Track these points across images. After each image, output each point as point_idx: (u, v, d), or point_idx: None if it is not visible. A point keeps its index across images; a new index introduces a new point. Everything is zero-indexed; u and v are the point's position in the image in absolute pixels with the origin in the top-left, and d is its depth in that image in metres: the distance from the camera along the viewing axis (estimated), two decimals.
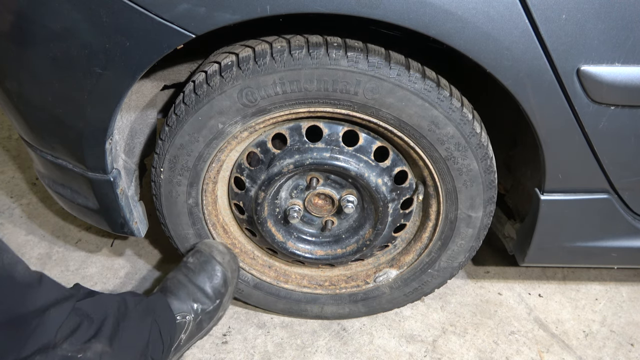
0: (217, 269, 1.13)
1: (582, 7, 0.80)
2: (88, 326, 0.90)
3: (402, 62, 0.91)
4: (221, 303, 1.16)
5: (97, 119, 0.93)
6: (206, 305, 1.12)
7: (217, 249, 1.15)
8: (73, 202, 1.16)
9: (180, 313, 1.09)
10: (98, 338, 0.90)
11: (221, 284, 1.14)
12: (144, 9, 0.80)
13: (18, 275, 0.80)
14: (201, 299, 1.12)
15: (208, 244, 1.16)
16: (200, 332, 1.15)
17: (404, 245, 1.24)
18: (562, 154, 0.96)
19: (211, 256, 1.14)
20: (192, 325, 1.11)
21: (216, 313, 1.16)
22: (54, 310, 0.84)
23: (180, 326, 1.08)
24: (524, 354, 1.26)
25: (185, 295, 1.11)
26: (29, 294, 0.80)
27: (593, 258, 1.17)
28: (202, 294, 1.12)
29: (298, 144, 1.04)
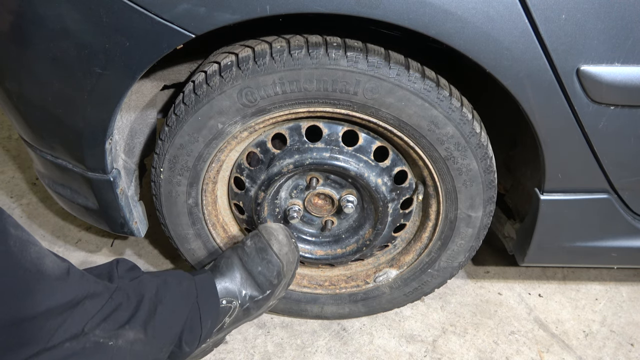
0: (273, 259, 1.07)
1: (582, 7, 0.80)
2: (123, 310, 0.88)
3: (401, 62, 0.91)
4: (272, 293, 1.10)
5: (97, 119, 0.93)
6: (256, 294, 1.07)
7: (276, 238, 1.09)
8: (73, 202, 1.16)
9: (227, 297, 1.05)
10: (132, 324, 0.88)
11: (274, 275, 1.08)
12: (144, 9, 0.80)
13: (47, 268, 0.78)
14: (251, 287, 1.07)
15: (269, 229, 1.10)
16: (246, 318, 1.11)
17: (404, 245, 1.24)
18: (562, 154, 0.96)
19: (268, 244, 1.08)
20: (237, 310, 1.06)
21: (266, 302, 1.11)
22: (89, 303, 0.82)
23: (224, 310, 1.04)
24: (524, 354, 1.26)
25: (236, 280, 1.06)
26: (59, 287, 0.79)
27: (593, 258, 1.17)
28: (253, 282, 1.07)
29: (298, 144, 1.04)
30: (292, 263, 1.12)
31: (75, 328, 0.80)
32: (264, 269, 1.07)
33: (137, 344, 0.88)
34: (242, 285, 1.06)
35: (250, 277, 1.07)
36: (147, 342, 0.90)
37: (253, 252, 1.08)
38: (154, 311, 0.92)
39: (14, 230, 0.75)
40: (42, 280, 0.76)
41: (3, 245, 0.72)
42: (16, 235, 0.75)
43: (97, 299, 0.85)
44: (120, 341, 0.86)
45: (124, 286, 0.91)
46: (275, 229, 1.10)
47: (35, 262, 0.76)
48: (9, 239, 0.73)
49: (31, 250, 0.76)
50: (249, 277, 1.07)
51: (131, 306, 0.90)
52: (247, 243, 1.10)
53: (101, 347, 0.83)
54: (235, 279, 1.06)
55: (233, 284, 1.06)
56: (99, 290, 0.86)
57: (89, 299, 0.83)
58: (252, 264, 1.07)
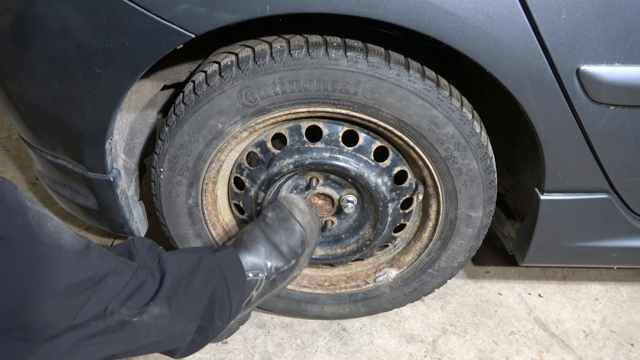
0: (296, 228, 1.06)
1: (582, 7, 0.80)
2: (147, 288, 0.86)
3: (401, 61, 0.91)
4: (297, 263, 1.09)
5: (97, 119, 0.93)
6: (281, 264, 1.06)
7: (297, 207, 1.08)
8: (73, 202, 1.16)
9: (253, 270, 1.04)
10: (156, 300, 0.86)
11: (298, 245, 1.07)
12: (144, 9, 0.80)
13: (65, 243, 0.76)
14: (276, 258, 1.06)
15: (289, 199, 1.09)
16: (273, 289, 1.10)
17: (404, 245, 1.24)
18: (562, 154, 0.96)
19: (290, 214, 1.07)
20: (264, 283, 1.05)
21: (291, 273, 1.10)
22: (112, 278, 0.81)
23: (251, 283, 1.04)
24: (524, 354, 1.26)
25: (260, 252, 1.05)
26: (79, 262, 0.77)
27: (593, 258, 1.17)
28: (277, 253, 1.06)
29: (298, 144, 1.04)
30: (315, 231, 1.11)
31: (99, 306, 0.78)
32: (287, 238, 1.06)
33: (161, 319, 0.87)
34: (266, 257, 1.05)
35: (274, 248, 1.06)
36: (171, 317, 0.89)
37: (275, 223, 1.07)
38: (177, 286, 0.91)
39: (30, 203, 0.73)
40: (61, 255, 0.74)
41: (21, 218, 0.70)
42: (33, 208, 0.73)
43: (120, 276, 0.83)
44: (145, 317, 0.85)
45: (145, 264, 0.90)
46: (296, 199, 1.10)
47: (53, 236, 0.74)
48: (27, 212, 0.71)
49: (49, 224, 0.74)
50: (273, 248, 1.06)
51: (155, 283, 0.88)
52: (269, 215, 1.08)
53: (126, 324, 0.82)
54: (260, 252, 1.05)
55: (258, 257, 1.05)
56: (121, 268, 0.84)
57: (112, 276, 0.81)
58: (276, 234, 1.06)
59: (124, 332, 0.82)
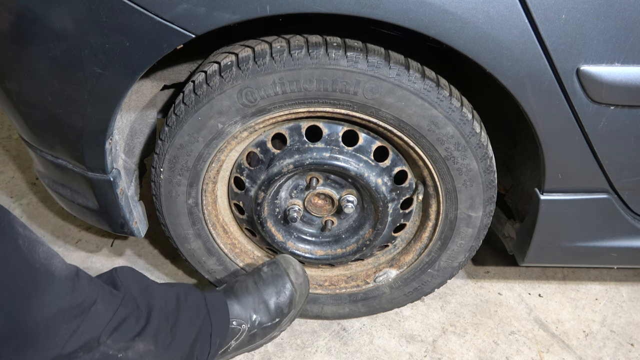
0: (288, 287, 1.10)
1: (582, 7, 0.80)
2: (135, 321, 0.86)
3: (401, 61, 0.91)
4: (280, 322, 1.11)
5: (97, 119, 0.93)
6: (265, 320, 1.09)
7: (293, 268, 1.13)
8: (73, 202, 1.16)
9: (237, 319, 1.05)
10: (142, 336, 0.86)
11: (286, 304, 1.10)
12: (144, 9, 0.80)
13: (56, 269, 0.76)
14: (262, 312, 1.08)
15: (287, 259, 1.14)
16: (250, 344, 1.11)
17: (404, 245, 1.24)
18: (561, 153, 0.96)
19: (286, 272, 1.11)
20: (245, 335, 1.07)
21: (272, 331, 1.12)
22: (101, 306, 0.81)
23: (233, 332, 1.05)
24: (524, 354, 1.26)
25: (248, 303, 1.07)
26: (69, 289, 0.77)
27: (593, 258, 1.17)
28: (264, 307, 1.08)
29: (298, 144, 1.04)
30: (304, 295, 1.15)
31: (88, 334, 0.78)
32: (277, 296, 1.09)
33: (147, 356, 0.87)
34: (253, 310, 1.07)
35: (262, 303, 1.09)
36: (157, 354, 0.89)
37: (269, 278, 1.10)
38: (165, 322, 0.91)
39: (22, 229, 0.73)
40: (53, 280, 0.74)
41: (13, 243, 0.71)
42: (24, 234, 0.73)
43: (108, 305, 0.83)
44: (130, 353, 0.84)
45: (131, 295, 0.90)
46: (293, 260, 1.15)
47: (44, 262, 0.74)
48: (19, 238, 0.72)
49: (39, 250, 0.75)
50: (262, 302, 1.09)
51: (142, 317, 0.88)
52: (264, 269, 1.12)
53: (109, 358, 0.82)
54: (248, 303, 1.07)
55: (245, 307, 1.07)
56: (108, 296, 0.84)
57: (100, 304, 0.81)
58: (267, 289, 1.09)
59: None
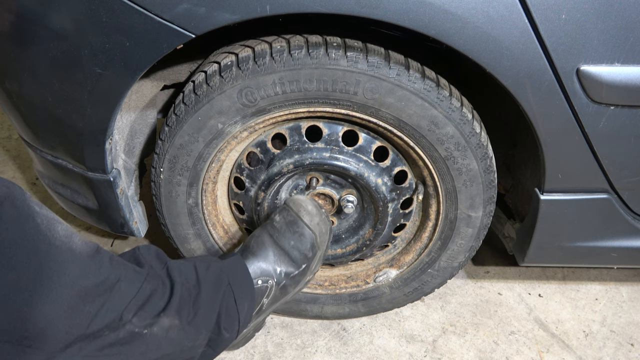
0: (305, 231, 1.03)
1: (582, 7, 0.80)
2: (159, 297, 0.85)
3: (401, 62, 0.91)
4: (308, 267, 1.06)
5: (97, 119, 0.93)
6: (291, 269, 1.03)
7: (305, 209, 1.05)
8: (73, 202, 1.16)
9: (262, 277, 1.00)
10: (166, 311, 0.84)
11: (308, 248, 1.04)
12: (144, 9, 0.80)
13: (77, 247, 0.74)
14: (286, 263, 1.02)
15: (296, 201, 1.06)
16: (285, 296, 1.07)
17: (404, 245, 1.24)
18: (562, 154, 0.96)
19: (298, 216, 1.03)
20: (274, 289, 1.02)
21: (302, 278, 1.06)
22: (124, 284, 0.79)
23: (260, 291, 1.01)
24: (524, 354, 1.26)
25: (269, 258, 1.01)
26: (92, 267, 0.75)
27: (593, 258, 1.17)
28: (286, 257, 1.02)
29: (298, 144, 1.04)
30: (325, 234, 1.08)
31: (113, 313, 0.77)
32: (296, 242, 1.03)
33: (172, 331, 0.86)
34: (276, 263, 1.02)
35: (283, 253, 1.03)
36: (182, 328, 0.87)
37: (283, 226, 1.04)
38: (187, 296, 0.89)
39: (38, 208, 0.72)
40: (74, 258, 0.73)
41: (31, 221, 0.69)
42: (42, 213, 0.72)
43: (132, 282, 0.81)
44: (156, 329, 0.83)
45: (154, 271, 0.88)
46: (304, 200, 1.07)
47: (64, 239, 0.73)
48: (37, 217, 0.71)
49: (59, 228, 0.74)
50: (282, 253, 1.03)
51: (166, 293, 0.86)
52: (276, 218, 1.05)
53: (136, 336, 0.80)
54: (269, 257, 1.02)
55: (266, 263, 1.02)
56: (131, 274, 0.83)
57: (124, 281, 0.80)
58: (284, 239, 1.03)
59: (135, 344, 0.81)
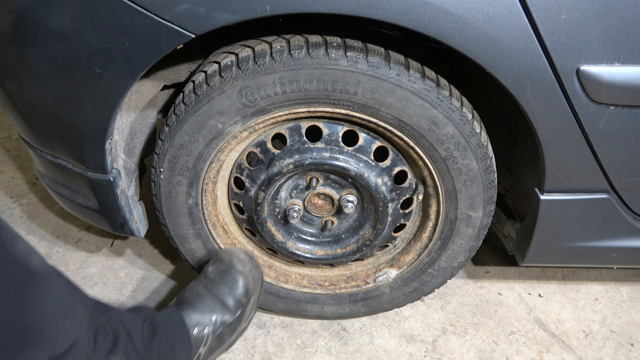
0: (238, 278, 1.08)
1: (582, 7, 0.80)
2: (103, 337, 0.86)
3: (401, 62, 0.91)
4: (242, 314, 1.10)
5: (97, 118, 0.93)
6: (226, 317, 1.07)
7: (237, 257, 1.11)
8: (73, 202, 1.16)
9: (198, 326, 1.04)
10: (115, 352, 0.86)
11: (242, 294, 1.09)
12: (144, 9, 0.80)
13: (34, 266, 0.75)
14: (221, 311, 1.07)
15: (228, 252, 1.12)
16: (221, 345, 1.10)
17: (404, 245, 1.24)
18: (562, 153, 0.96)
19: (231, 265, 1.09)
20: (211, 338, 1.06)
21: (238, 325, 1.11)
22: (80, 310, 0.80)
23: (197, 340, 1.04)
24: (524, 354, 1.26)
25: (204, 307, 1.06)
26: (47, 288, 0.77)
27: (593, 258, 1.17)
28: (221, 306, 1.07)
29: (298, 144, 1.04)
30: (258, 280, 1.14)
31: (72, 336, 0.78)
32: (230, 289, 1.08)
33: None
34: (211, 311, 1.06)
35: (218, 301, 1.08)
36: None
37: (217, 276, 1.09)
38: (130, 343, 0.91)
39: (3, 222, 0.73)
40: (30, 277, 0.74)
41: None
42: (6, 227, 0.73)
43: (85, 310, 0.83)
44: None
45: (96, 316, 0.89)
46: (235, 250, 1.14)
47: (23, 256, 0.74)
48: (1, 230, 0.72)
49: (20, 245, 0.75)
50: (217, 301, 1.08)
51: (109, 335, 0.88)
52: (209, 269, 1.11)
53: None
54: (204, 307, 1.06)
55: (202, 312, 1.06)
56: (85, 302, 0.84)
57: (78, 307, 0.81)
58: (218, 287, 1.08)
59: None
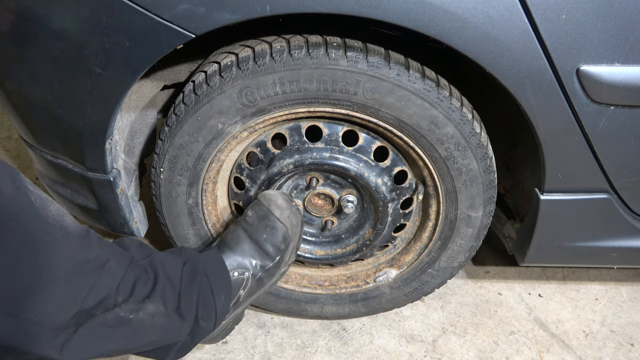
0: (276, 224, 1.06)
1: (582, 7, 0.80)
2: (144, 283, 0.88)
3: (401, 61, 0.91)
4: (281, 259, 1.09)
5: (97, 119, 0.93)
6: (265, 262, 1.07)
7: (275, 203, 1.08)
8: (73, 202, 1.16)
9: (238, 269, 1.05)
10: (151, 297, 0.88)
11: (280, 241, 1.07)
12: (144, 9, 0.80)
13: (68, 225, 0.78)
14: (260, 256, 1.06)
15: (267, 196, 1.09)
16: (261, 287, 1.11)
17: (404, 245, 1.24)
18: (562, 154, 0.96)
19: (269, 211, 1.07)
20: (251, 281, 1.06)
21: (277, 270, 1.10)
22: (113, 263, 0.83)
23: (237, 283, 1.04)
24: (524, 354, 1.26)
25: (244, 251, 1.06)
26: (83, 245, 0.79)
27: (593, 258, 1.17)
28: (260, 250, 1.06)
29: (298, 144, 1.04)
30: (296, 226, 1.11)
31: (105, 291, 0.80)
32: (269, 235, 1.06)
33: (158, 317, 0.89)
34: (251, 256, 1.06)
35: (257, 246, 1.06)
36: (167, 315, 0.90)
37: (255, 221, 1.07)
38: (170, 286, 0.92)
39: (32, 187, 0.75)
40: (67, 236, 0.76)
41: (26, 199, 0.72)
42: (35, 192, 0.75)
43: (120, 263, 0.84)
44: (141, 314, 0.86)
45: (137, 260, 0.91)
46: (274, 195, 1.10)
47: (57, 217, 0.76)
48: (31, 195, 0.73)
49: (51, 207, 0.76)
50: (256, 246, 1.06)
51: (149, 280, 0.89)
52: (249, 213, 1.09)
53: (123, 320, 0.83)
54: (244, 251, 1.06)
55: (242, 256, 1.06)
56: (119, 255, 0.86)
57: (113, 261, 0.83)
58: (257, 232, 1.07)
59: (122, 328, 0.84)
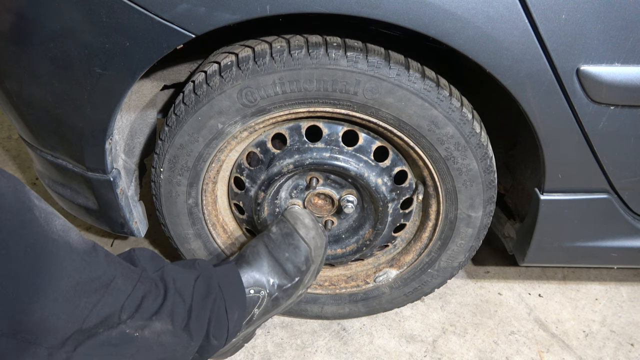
0: (300, 244, 1.02)
1: (582, 7, 0.80)
2: (152, 300, 0.85)
3: (401, 61, 0.91)
4: (301, 281, 1.05)
5: (97, 119, 0.93)
6: (284, 282, 1.02)
7: (302, 222, 1.04)
8: (73, 202, 1.16)
9: (254, 287, 1.00)
10: (159, 315, 0.84)
11: (302, 261, 1.03)
12: (144, 9, 0.80)
13: (73, 241, 0.75)
14: (279, 275, 1.02)
15: (293, 213, 1.06)
16: (276, 308, 1.06)
17: (404, 245, 1.24)
18: (562, 154, 0.96)
19: (294, 229, 1.03)
20: (266, 300, 1.02)
21: (295, 291, 1.06)
22: (120, 281, 0.80)
23: (252, 300, 1.00)
24: (524, 354, 1.26)
25: (263, 268, 1.01)
26: (88, 262, 0.76)
27: (593, 258, 1.17)
28: (280, 269, 1.02)
29: (298, 144, 1.04)
30: (320, 248, 1.08)
31: (109, 309, 0.77)
32: (291, 254, 1.02)
33: (164, 336, 0.86)
34: (269, 274, 1.02)
35: (277, 265, 1.02)
36: (175, 334, 0.87)
37: (279, 238, 1.04)
38: (181, 302, 0.89)
39: (37, 201, 0.73)
40: (71, 253, 0.73)
41: (29, 214, 0.70)
42: (40, 206, 0.73)
43: (127, 280, 0.81)
44: (147, 332, 0.83)
45: (148, 274, 0.88)
46: (301, 213, 1.06)
47: (61, 233, 0.74)
48: (35, 209, 0.71)
49: (56, 222, 0.74)
50: (276, 264, 1.02)
51: (159, 296, 0.86)
52: (273, 229, 1.05)
53: (127, 337, 0.81)
54: (262, 268, 1.02)
55: (260, 273, 1.01)
56: (127, 272, 0.83)
57: (119, 279, 0.80)
58: (279, 250, 1.03)
59: (126, 346, 0.81)
